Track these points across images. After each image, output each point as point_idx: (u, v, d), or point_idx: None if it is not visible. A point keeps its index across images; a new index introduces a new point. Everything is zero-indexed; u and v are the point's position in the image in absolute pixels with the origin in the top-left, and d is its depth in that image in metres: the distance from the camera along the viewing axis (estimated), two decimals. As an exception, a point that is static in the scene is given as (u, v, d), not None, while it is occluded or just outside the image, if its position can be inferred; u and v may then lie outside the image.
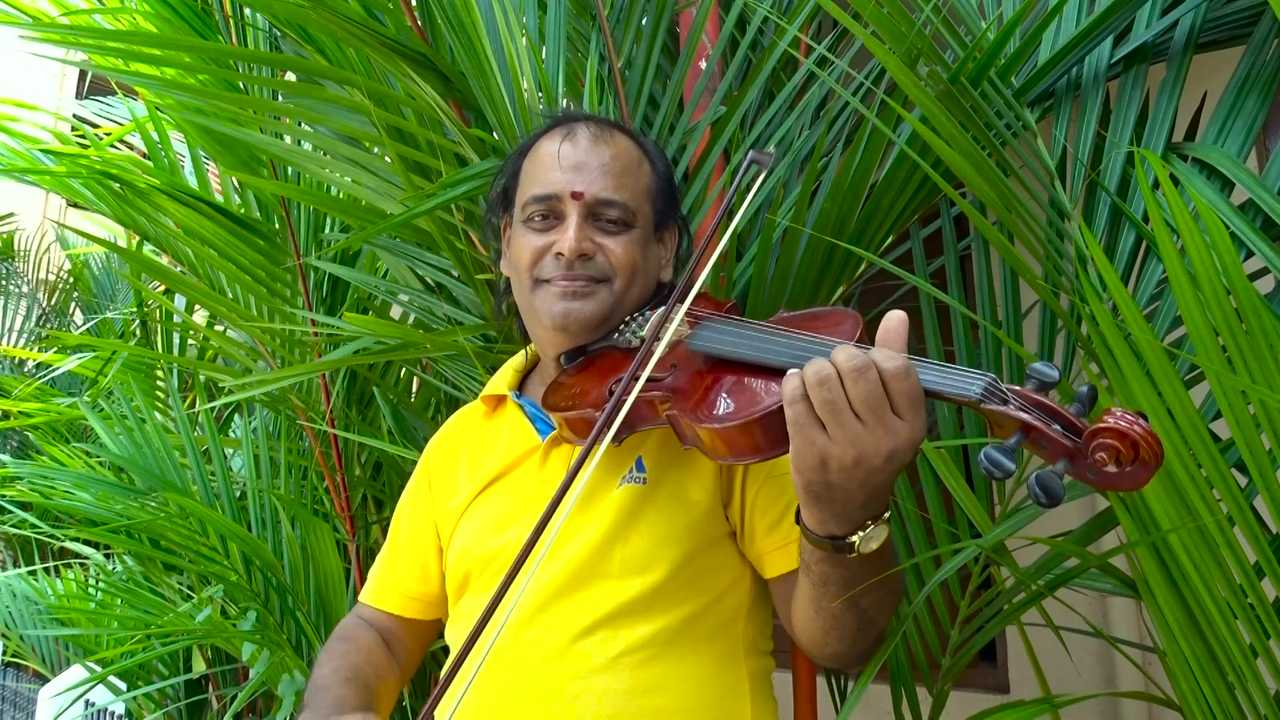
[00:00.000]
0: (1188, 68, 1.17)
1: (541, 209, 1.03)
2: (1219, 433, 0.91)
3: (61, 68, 7.19)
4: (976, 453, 1.38)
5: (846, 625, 0.87)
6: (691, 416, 0.83)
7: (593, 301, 1.01)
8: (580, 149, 1.03)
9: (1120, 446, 0.63)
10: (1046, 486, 0.63)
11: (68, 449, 2.62)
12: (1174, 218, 0.87)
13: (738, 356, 0.85)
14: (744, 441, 0.80)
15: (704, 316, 0.94)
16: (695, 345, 0.90)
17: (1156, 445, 0.63)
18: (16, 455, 4.46)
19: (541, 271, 1.02)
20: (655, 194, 1.08)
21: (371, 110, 1.50)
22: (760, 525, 0.98)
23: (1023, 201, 1.17)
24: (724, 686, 0.98)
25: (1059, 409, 0.67)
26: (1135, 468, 0.64)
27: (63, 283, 5.35)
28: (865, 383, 0.69)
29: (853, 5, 1.18)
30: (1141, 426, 0.63)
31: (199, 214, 2.04)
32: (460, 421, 1.22)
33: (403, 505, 1.22)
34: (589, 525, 0.97)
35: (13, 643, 3.65)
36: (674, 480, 0.99)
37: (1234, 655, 0.89)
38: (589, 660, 0.93)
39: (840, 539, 0.77)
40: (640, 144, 1.10)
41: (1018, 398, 0.68)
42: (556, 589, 0.96)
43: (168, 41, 1.81)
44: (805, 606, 0.88)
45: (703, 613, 0.97)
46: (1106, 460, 0.63)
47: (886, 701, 1.35)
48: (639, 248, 1.04)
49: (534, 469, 1.05)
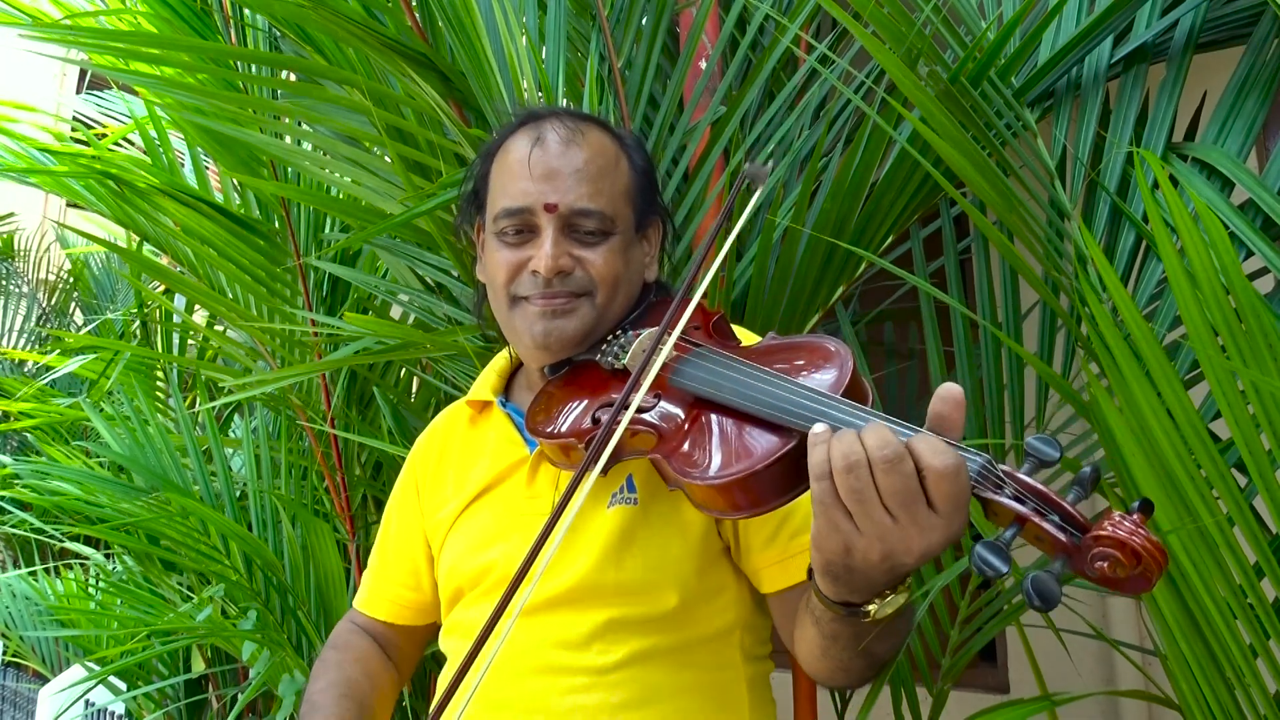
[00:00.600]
0: (1188, 68, 1.17)
1: (514, 223, 0.96)
2: (1219, 433, 0.91)
3: (62, 68, 7.18)
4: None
5: (853, 669, 0.84)
6: (674, 467, 0.79)
7: (574, 319, 0.95)
8: (551, 154, 0.96)
9: (1121, 556, 0.59)
10: (1042, 592, 0.59)
11: (67, 449, 2.62)
12: (1173, 218, 0.87)
13: (724, 402, 0.80)
14: (726, 500, 0.75)
15: (694, 346, 0.89)
16: (680, 383, 0.85)
17: (1160, 554, 0.59)
18: (16, 456, 4.46)
19: (518, 289, 0.97)
20: (635, 193, 1.01)
21: (371, 110, 1.50)
22: (756, 541, 0.94)
23: (1023, 201, 1.17)
24: (721, 699, 0.96)
25: (1057, 500, 0.62)
26: (1137, 577, 0.60)
27: (63, 283, 5.36)
28: (899, 476, 0.62)
29: (853, 5, 1.18)
30: (1141, 535, 0.59)
31: (199, 214, 2.04)
32: (446, 425, 1.18)
33: (391, 511, 1.19)
34: (581, 550, 0.94)
35: (13, 643, 3.65)
36: (665, 500, 0.94)
37: (1234, 655, 0.89)
38: (581, 675, 0.91)
39: (856, 606, 0.73)
40: (615, 136, 1.03)
41: (1013, 483, 0.63)
42: (548, 604, 0.93)
43: (167, 41, 1.81)
44: (812, 647, 0.84)
45: (698, 630, 0.95)
46: (1107, 571, 0.59)
47: (886, 701, 1.35)
48: (620, 256, 0.98)
49: (521, 484, 1.01)
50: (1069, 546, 0.61)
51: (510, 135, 1.01)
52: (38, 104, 2.37)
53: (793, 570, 0.91)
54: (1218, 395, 0.87)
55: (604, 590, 0.93)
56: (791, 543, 0.92)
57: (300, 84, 1.79)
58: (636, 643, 0.92)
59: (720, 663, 0.97)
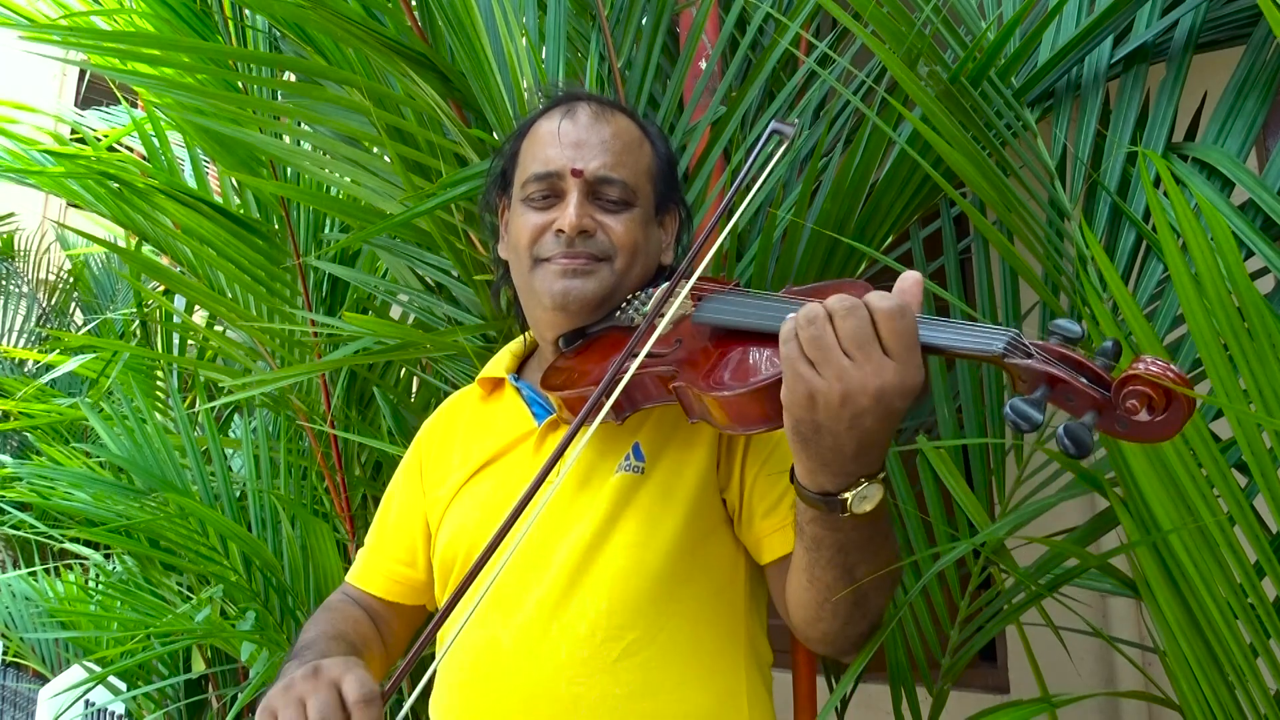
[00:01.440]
0: (1188, 68, 1.17)
1: (542, 187, 1.01)
2: (1219, 433, 0.91)
3: (62, 70, 7.19)
4: (976, 453, 1.38)
5: (840, 599, 0.85)
6: (699, 387, 0.82)
7: (593, 280, 1.00)
8: (580, 126, 1.02)
9: (1152, 393, 0.61)
10: (1076, 437, 0.62)
11: (67, 450, 2.62)
12: (1176, 216, 0.87)
13: (744, 326, 0.84)
14: (753, 409, 0.79)
15: (708, 292, 0.93)
16: (700, 318, 0.90)
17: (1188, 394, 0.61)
18: (16, 456, 4.46)
19: (541, 250, 1.01)
20: (656, 175, 1.07)
21: (371, 110, 1.50)
22: (759, 507, 0.97)
23: (1023, 201, 1.17)
24: (722, 689, 0.97)
25: (1085, 361, 0.66)
26: (1169, 415, 0.62)
27: (63, 283, 5.36)
28: (854, 320, 0.69)
29: (853, 5, 1.18)
30: (1174, 372, 0.62)
31: (198, 214, 2.04)
32: (455, 406, 1.21)
33: (393, 489, 1.21)
34: (585, 514, 0.96)
35: (13, 643, 3.65)
36: (670, 469, 0.98)
37: (1234, 655, 0.89)
38: (587, 663, 0.92)
39: (833, 495, 0.76)
40: (641, 125, 1.09)
41: (1042, 352, 0.67)
42: (553, 589, 0.95)
43: (167, 42, 1.81)
44: (799, 577, 0.87)
45: (701, 609, 0.97)
46: (1138, 408, 0.61)
47: (886, 701, 1.35)
48: (640, 227, 1.03)
49: (529, 453, 1.03)
50: (1099, 400, 0.64)
51: (541, 114, 1.08)
52: (35, 108, 2.36)
53: (791, 538, 0.93)
54: (1219, 395, 0.87)
55: (607, 558, 0.94)
56: (791, 512, 0.94)
57: (300, 84, 1.79)
58: (642, 630, 0.93)
59: (722, 652, 0.98)
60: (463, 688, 0.98)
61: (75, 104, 7.11)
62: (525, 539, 0.98)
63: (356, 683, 0.76)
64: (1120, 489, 0.96)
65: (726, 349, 0.85)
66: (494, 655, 0.96)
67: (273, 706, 0.77)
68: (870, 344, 0.69)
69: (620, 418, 0.92)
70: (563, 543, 0.96)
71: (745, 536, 1.00)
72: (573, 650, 0.93)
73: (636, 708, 0.92)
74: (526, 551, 0.97)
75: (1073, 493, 1.12)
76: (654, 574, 0.94)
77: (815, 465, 0.75)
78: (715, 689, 0.96)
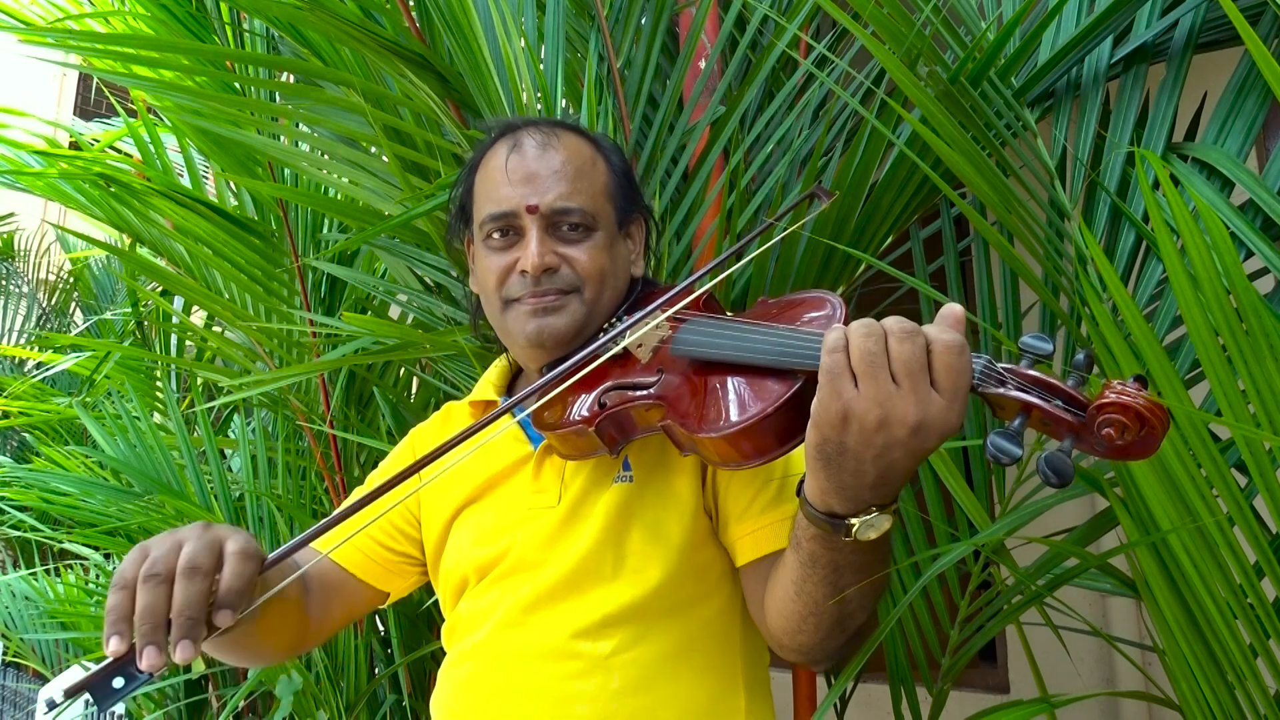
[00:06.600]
0: (1188, 68, 1.16)
1: (498, 226, 1.00)
2: (1219, 433, 0.91)
3: (60, 78, 7.19)
4: (976, 453, 1.38)
5: (825, 615, 0.83)
6: (687, 427, 0.82)
7: (565, 315, 0.99)
8: (529, 158, 1.00)
9: (1125, 420, 0.62)
10: (1056, 467, 0.62)
11: (66, 451, 2.62)
12: (1174, 218, 0.87)
13: (725, 359, 0.83)
14: (745, 446, 0.78)
15: (687, 317, 0.93)
16: (680, 349, 0.89)
17: (1162, 412, 0.62)
18: (16, 457, 4.46)
19: (509, 291, 1.00)
20: (614, 191, 1.05)
21: (369, 111, 1.50)
22: (733, 511, 0.97)
23: (1022, 202, 1.17)
24: (719, 687, 0.97)
25: (1058, 384, 0.66)
26: (1144, 437, 0.62)
27: (63, 283, 5.36)
28: (910, 345, 0.66)
29: (852, 5, 1.18)
30: (1144, 397, 0.62)
31: (195, 214, 2.03)
32: (450, 418, 1.19)
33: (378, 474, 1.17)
34: (584, 528, 0.97)
35: (13, 643, 3.65)
36: (660, 478, 0.98)
37: (1234, 655, 0.89)
38: (582, 661, 0.93)
39: (840, 519, 0.74)
40: (591, 140, 1.06)
41: (1015, 377, 0.67)
42: (551, 590, 0.96)
43: (164, 44, 1.81)
44: (786, 587, 0.85)
45: (697, 611, 0.97)
46: (1114, 436, 0.62)
47: (886, 701, 1.35)
48: (604, 251, 1.01)
49: (527, 479, 1.03)
50: (1075, 424, 0.64)
51: (488, 148, 1.06)
52: (30, 113, 2.36)
53: (763, 541, 0.94)
54: (1218, 395, 0.86)
55: (605, 567, 0.95)
56: (762, 516, 0.94)
57: (298, 85, 1.79)
58: (638, 629, 0.94)
59: (718, 650, 0.98)
60: (463, 686, 0.99)
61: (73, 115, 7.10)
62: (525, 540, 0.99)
63: (240, 538, 0.75)
64: (1120, 489, 0.96)
65: (710, 381, 0.84)
66: (494, 654, 0.97)
67: (148, 544, 0.74)
68: (921, 374, 0.66)
69: (615, 450, 0.92)
70: (563, 545, 0.97)
71: (724, 539, 1.00)
72: (570, 646, 0.93)
73: (632, 703, 0.92)
74: (527, 553, 0.98)
75: (1072, 493, 1.12)
76: (653, 574, 0.95)
77: (831, 487, 0.72)
78: (711, 685, 0.97)
